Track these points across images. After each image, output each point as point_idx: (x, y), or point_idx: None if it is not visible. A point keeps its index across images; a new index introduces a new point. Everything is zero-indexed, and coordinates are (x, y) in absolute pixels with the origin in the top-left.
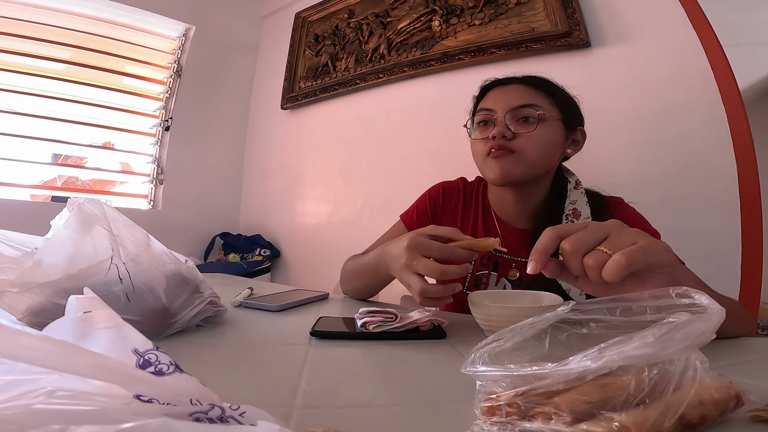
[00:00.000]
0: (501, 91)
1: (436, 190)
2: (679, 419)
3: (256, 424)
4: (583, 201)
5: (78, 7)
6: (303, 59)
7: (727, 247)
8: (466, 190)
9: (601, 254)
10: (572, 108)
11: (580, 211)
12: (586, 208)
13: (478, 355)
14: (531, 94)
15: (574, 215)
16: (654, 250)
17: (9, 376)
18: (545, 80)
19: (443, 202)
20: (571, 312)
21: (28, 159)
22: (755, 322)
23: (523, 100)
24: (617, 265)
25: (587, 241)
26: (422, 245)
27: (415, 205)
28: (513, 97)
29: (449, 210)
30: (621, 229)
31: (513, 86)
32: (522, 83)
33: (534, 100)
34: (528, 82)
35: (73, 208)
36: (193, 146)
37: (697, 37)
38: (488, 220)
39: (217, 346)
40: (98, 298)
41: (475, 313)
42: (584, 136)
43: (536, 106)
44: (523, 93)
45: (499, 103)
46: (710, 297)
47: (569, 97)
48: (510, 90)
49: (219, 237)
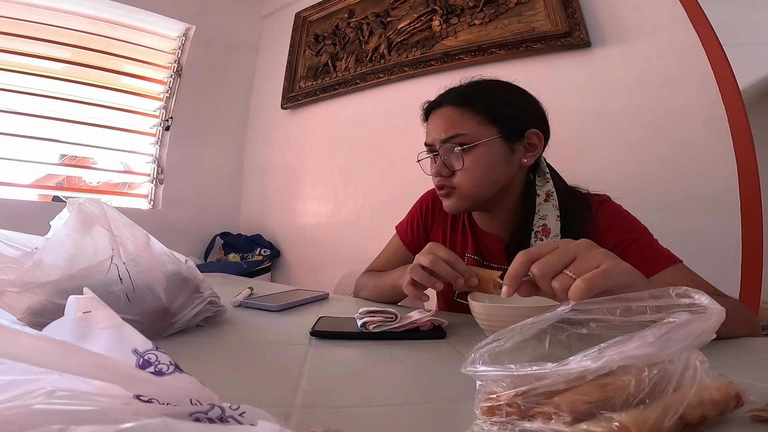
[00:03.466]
0: (434, 118)
1: (426, 199)
2: (679, 419)
3: (256, 424)
4: (553, 216)
5: (78, 7)
6: (303, 59)
7: (727, 247)
8: None
9: (566, 278)
10: (512, 116)
11: (549, 228)
12: (556, 224)
13: (478, 355)
14: (456, 119)
15: (543, 232)
16: (615, 273)
17: (9, 376)
18: (473, 93)
19: (433, 212)
20: (571, 312)
21: (28, 159)
22: (758, 322)
23: (448, 131)
24: (578, 291)
25: (555, 264)
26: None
27: (407, 218)
28: (441, 126)
29: (439, 219)
30: (588, 251)
31: (443, 110)
32: (450, 104)
33: (459, 127)
34: (455, 101)
35: (73, 208)
36: (193, 146)
37: (698, 37)
38: (475, 230)
39: (217, 346)
40: (98, 298)
41: (475, 313)
42: (540, 137)
43: (461, 136)
44: (449, 119)
45: (433, 134)
46: (710, 297)
47: (508, 103)
48: (440, 116)
49: (219, 237)
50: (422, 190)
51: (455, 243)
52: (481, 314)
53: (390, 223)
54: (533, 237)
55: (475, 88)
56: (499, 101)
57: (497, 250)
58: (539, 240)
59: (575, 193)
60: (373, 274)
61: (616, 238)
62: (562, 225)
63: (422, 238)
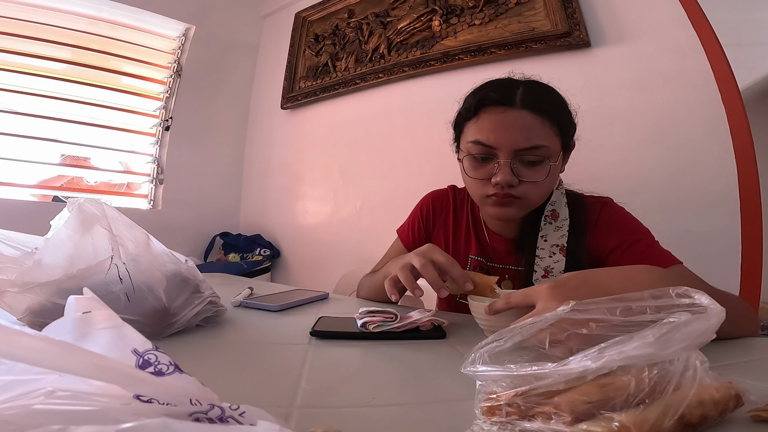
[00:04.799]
0: (502, 121)
1: (426, 201)
2: (679, 419)
3: (255, 424)
4: (562, 202)
5: (78, 7)
6: (303, 59)
7: (727, 247)
8: (456, 199)
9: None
10: (571, 126)
11: (558, 213)
12: (565, 209)
13: (478, 355)
14: (537, 129)
15: (553, 216)
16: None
17: (9, 376)
18: (547, 99)
19: (434, 214)
20: (571, 312)
21: (28, 159)
22: (758, 321)
23: (530, 140)
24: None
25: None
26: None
27: (408, 220)
28: (519, 134)
29: (440, 220)
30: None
31: (516, 113)
32: (527, 108)
33: (540, 137)
34: (533, 106)
35: (73, 208)
36: (193, 146)
37: (697, 37)
38: (479, 230)
39: (217, 346)
40: (97, 299)
41: (475, 313)
42: (574, 145)
43: (542, 148)
44: (529, 128)
45: (503, 140)
46: (710, 297)
47: (567, 112)
48: (512, 119)
49: (219, 237)
50: (422, 190)
51: (458, 245)
52: (481, 315)
53: (390, 224)
54: (543, 221)
55: (545, 94)
56: (563, 111)
57: (503, 250)
58: (548, 223)
59: (574, 194)
60: (371, 274)
61: (618, 239)
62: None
63: (423, 240)
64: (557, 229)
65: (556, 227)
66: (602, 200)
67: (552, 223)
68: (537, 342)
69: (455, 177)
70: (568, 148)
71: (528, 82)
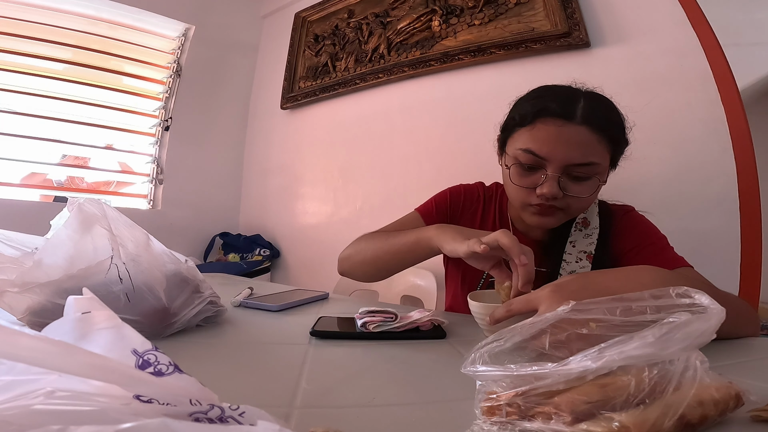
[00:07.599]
0: (559, 135)
1: (458, 190)
2: (679, 419)
3: (255, 424)
4: (594, 210)
5: (78, 7)
6: (303, 59)
7: (726, 247)
8: (485, 197)
9: None
10: (624, 145)
11: (590, 221)
12: (596, 218)
13: (478, 355)
14: (593, 146)
15: (584, 224)
16: None
17: (9, 377)
18: (611, 119)
19: (463, 205)
20: (571, 312)
21: (28, 159)
22: (758, 321)
23: (584, 157)
24: None
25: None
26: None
27: (434, 201)
28: (574, 148)
29: (468, 214)
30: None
31: (574, 129)
32: (587, 125)
33: (595, 155)
34: (593, 123)
35: (73, 208)
36: (193, 146)
37: (697, 37)
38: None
39: (217, 346)
40: (97, 299)
41: (475, 313)
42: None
43: (595, 165)
44: (586, 144)
45: (556, 154)
46: (710, 297)
47: (624, 131)
48: (570, 134)
49: (219, 237)
50: (422, 190)
51: None
52: (481, 314)
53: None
54: (573, 227)
55: (607, 111)
56: (621, 129)
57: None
58: (578, 230)
59: (602, 204)
60: (383, 234)
61: (633, 242)
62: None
63: (445, 220)
64: (586, 237)
65: (586, 234)
66: (625, 208)
67: (582, 230)
68: (537, 345)
69: (456, 177)
70: (616, 164)
71: (589, 94)
